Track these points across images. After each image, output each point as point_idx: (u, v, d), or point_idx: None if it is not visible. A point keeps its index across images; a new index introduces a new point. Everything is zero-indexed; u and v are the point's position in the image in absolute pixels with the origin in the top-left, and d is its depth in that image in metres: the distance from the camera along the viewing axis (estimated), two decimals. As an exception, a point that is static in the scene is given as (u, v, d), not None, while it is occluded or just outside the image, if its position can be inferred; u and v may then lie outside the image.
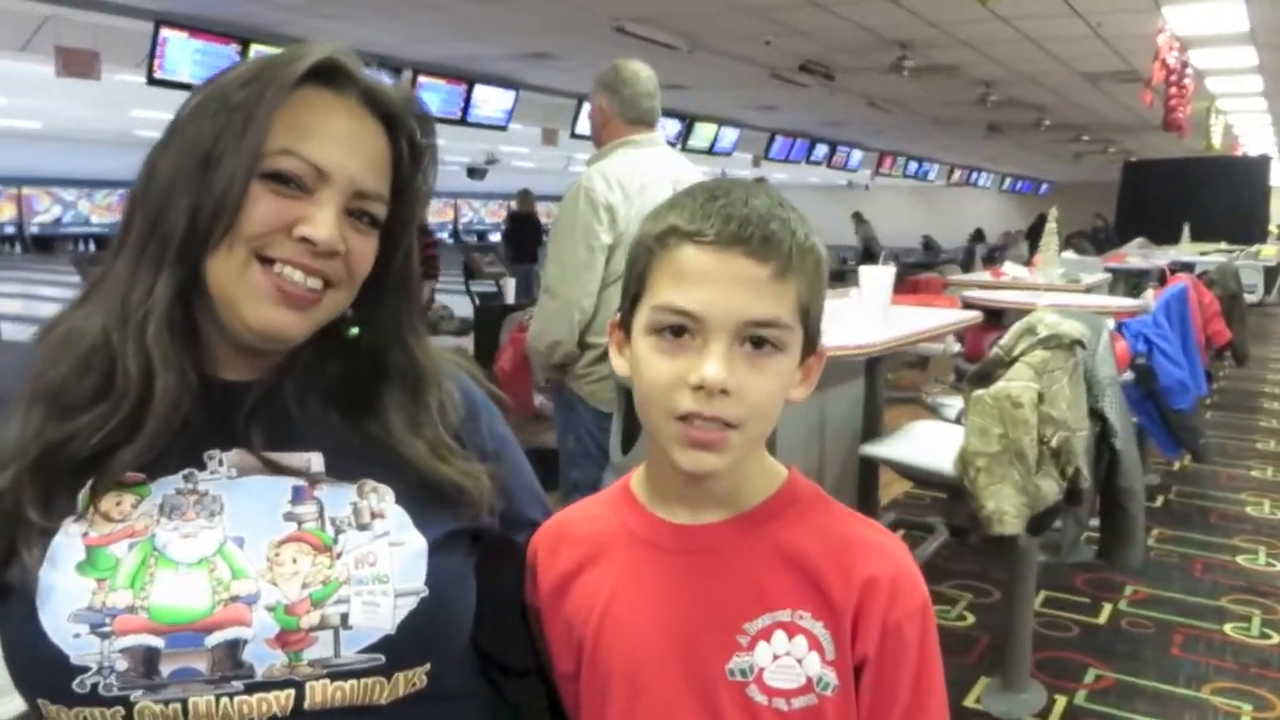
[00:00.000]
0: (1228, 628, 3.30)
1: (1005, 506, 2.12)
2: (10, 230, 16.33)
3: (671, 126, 10.23)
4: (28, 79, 7.27)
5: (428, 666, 0.82)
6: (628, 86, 2.60)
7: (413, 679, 0.81)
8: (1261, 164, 14.72)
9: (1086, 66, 8.54)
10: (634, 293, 0.84)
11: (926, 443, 2.62)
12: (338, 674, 0.78)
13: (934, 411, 2.98)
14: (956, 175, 19.40)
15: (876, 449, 2.62)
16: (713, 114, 11.21)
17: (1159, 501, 4.55)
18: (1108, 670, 2.96)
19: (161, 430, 0.78)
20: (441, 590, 0.82)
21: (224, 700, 0.75)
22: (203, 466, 0.81)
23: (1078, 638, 3.13)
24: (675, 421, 0.79)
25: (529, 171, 15.71)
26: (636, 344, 0.83)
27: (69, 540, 0.76)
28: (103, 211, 17.15)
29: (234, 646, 0.75)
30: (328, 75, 0.82)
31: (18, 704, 0.80)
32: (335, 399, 0.87)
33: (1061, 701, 2.73)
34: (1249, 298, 7.74)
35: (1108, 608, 3.41)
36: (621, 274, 2.80)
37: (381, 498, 0.84)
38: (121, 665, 0.73)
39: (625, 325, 0.85)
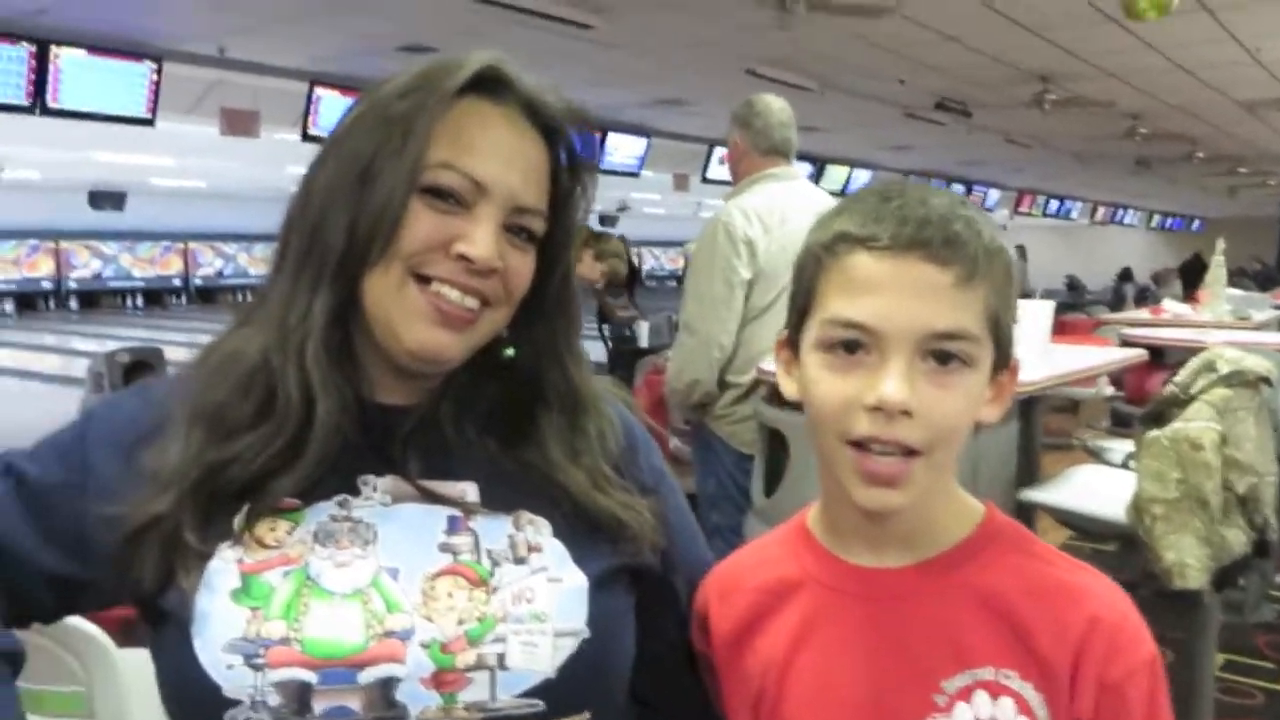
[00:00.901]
0: None
1: (1187, 559, 1.95)
2: (177, 283, 17.42)
3: (802, 170, 10.16)
4: (194, 140, 7.75)
5: (586, 716, 0.77)
6: (760, 118, 2.58)
7: None
8: None
9: (1243, 94, 8.09)
10: (801, 306, 0.77)
11: (1091, 488, 2.45)
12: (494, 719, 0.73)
13: (1095, 456, 2.80)
14: (1102, 213, 18.61)
15: (1036, 495, 2.46)
16: (844, 156, 11.08)
17: (1348, 557, 4.17)
18: (1299, 741, 2.71)
19: (320, 457, 0.77)
20: (603, 631, 0.77)
21: None
22: (357, 492, 0.79)
23: (1263, 705, 2.88)
24: (849, 449, 0.72)
25: (660, 218, 15.84)
26: (805, 362, 0.76)
27: (224, 566, 0.75)
28: (260, 264, 18.09)
29: (387, 685, 0.72)
30: (488, 85, 0.80)
31: None
32: (492, 424, 0.84)
33: (1248, 774, 2.50)
34: None
35: (1296, 672, 3.14)
36: (762, 309, 2.76)
37: (539, 530, 0.80)
38: (274, 700, 0.71)
39: (793, 343, 0.79)
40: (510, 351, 0.85)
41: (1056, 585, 0.75)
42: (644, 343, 6.00)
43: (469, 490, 0.81)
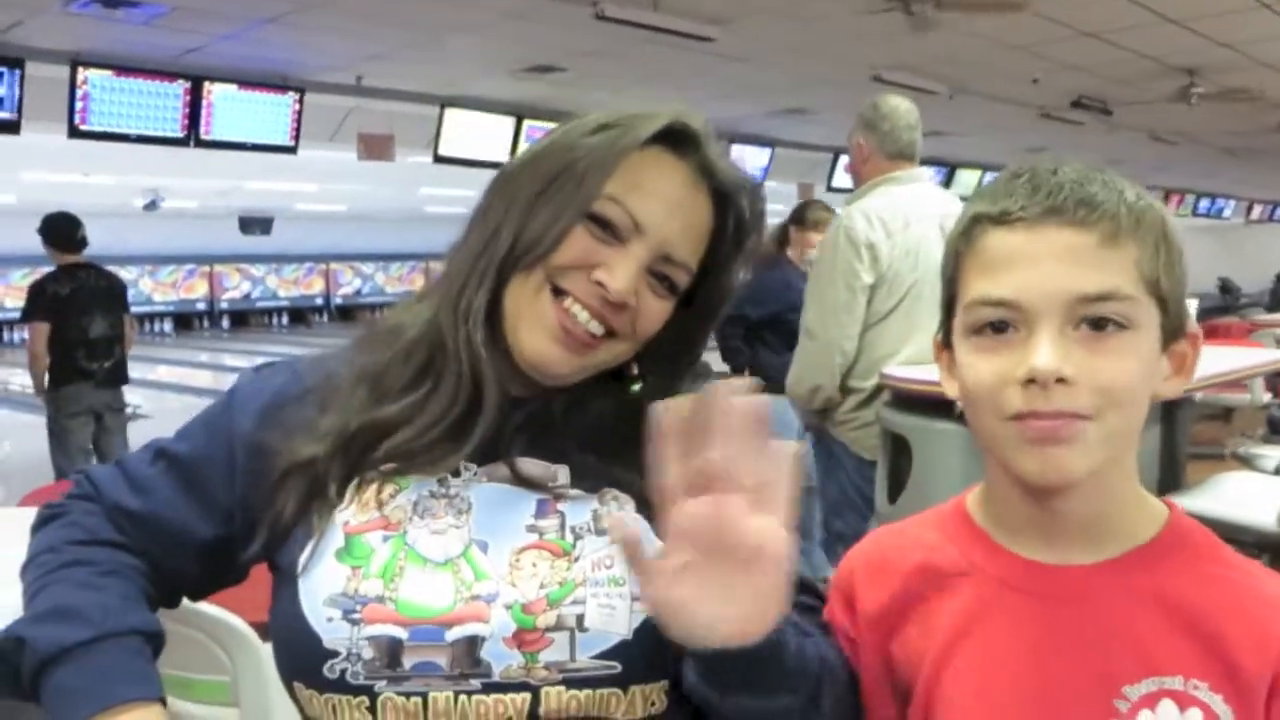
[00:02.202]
0: None
1: (1346, 568, 1.82)
2: (319, 301, 18.26)
3: (929, 174, 9.93)
4: (334, 166, 8.13)
5: (665, 685, 0.79)
6: (887, 121, 2.54)
7: (650, 697, 0.79)
8: None
9: None
10: (948, 300, 0.76)
11: (1241, 496, 2.32)
12: (574, 681, 0.77)
13: (1246, 463, 2.64)
14: (1257, 211, 17.55)
15: (1181, 502, 2.33)
16: (976, 160, 10.79)
17: None
18: None
19: (482, 439, 0.83)
20: None
21: (462, 698, 0.76)
22: (458, 474, 0.85)
23: None
24: (1008, 423, 0.69)
25: (784, 229, 15.77)
26: (959, 351, 0.74)
27: (333, 527, 0.82)
28: (395, 283, 18.85)
29: (472, 643, 0.77)
30: (675, 138, 0.85)
31: None
32: (608, 440, 0.87)
33: None
34: None
35: None
36: (884, 314, 2.71)
37: (622, 505, 0.84)
38: (368, 654, 0.76)
39: (948, 343, 0.77)
40: (637, 387, 0.90)
41: (1256, 595, 0.71)
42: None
43: (561, 473, 0.85)
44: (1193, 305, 2.53)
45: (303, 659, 0.78)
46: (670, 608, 0.65)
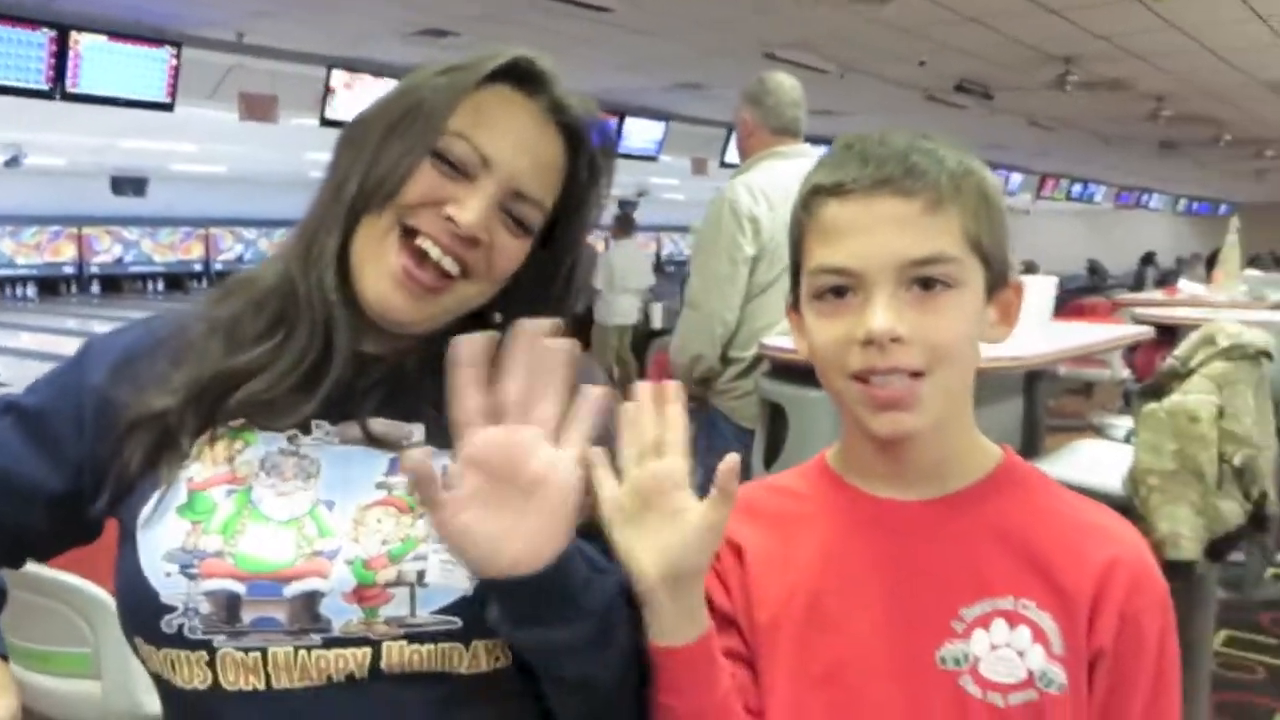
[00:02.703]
0: None
1: (1181, 529, 1.95)
2: (198, 268, 17.57)
3: (816, 151, 10.09)
4: (214, 126, 7.81)
5: None
6: (771, 96, 2.59)
7: (494, 651, 0.80)
8: None
9: (1270, 75, 7.98)
10: (795, 267, 0.82)
11: (1091, 462, 2.46)
12: (415, 635, 0.77)
13: (1099, 432, 2.80)
14: (1125, 197, 18.41)
15: (1037, 467, 2.46)
16: (864, 140, 11.03)
17: (1362, 539, 4.15)
18: (1302, 717, 2.71)
19: (333, 387, 0.82)
20: None
21: (302, 653, 0.76)
22: (309, 431, 0.84)
23: (1265, 681, 2.88)
24: (853, 382, 0.75)
25: (679, 203, 15.83)
26: (805, 316, 0.80)
27: (177, 482, 0.80)
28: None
29: (311, 598, 0.76)
30: (522, 77, 0.85)
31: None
32: None
33: (1247, 748, 2.51)
34: None
35: (1302, 650, 3.13)
36: (765, 286, 2.76)
37: None
38: (205, 608, 0.76)
39: (798, 306, 0.82)
40: (499, 317, 0.88)
41: (1079, 523, 0.78)
42: (657, 324, 6.02)
43: (416, 431, 0.85)
44: (1051, 282, 2.64)
45: (141, 614, 0.78)
46: (455, 534, 0.70)
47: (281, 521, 0.79)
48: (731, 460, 0.72)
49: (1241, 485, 1.98)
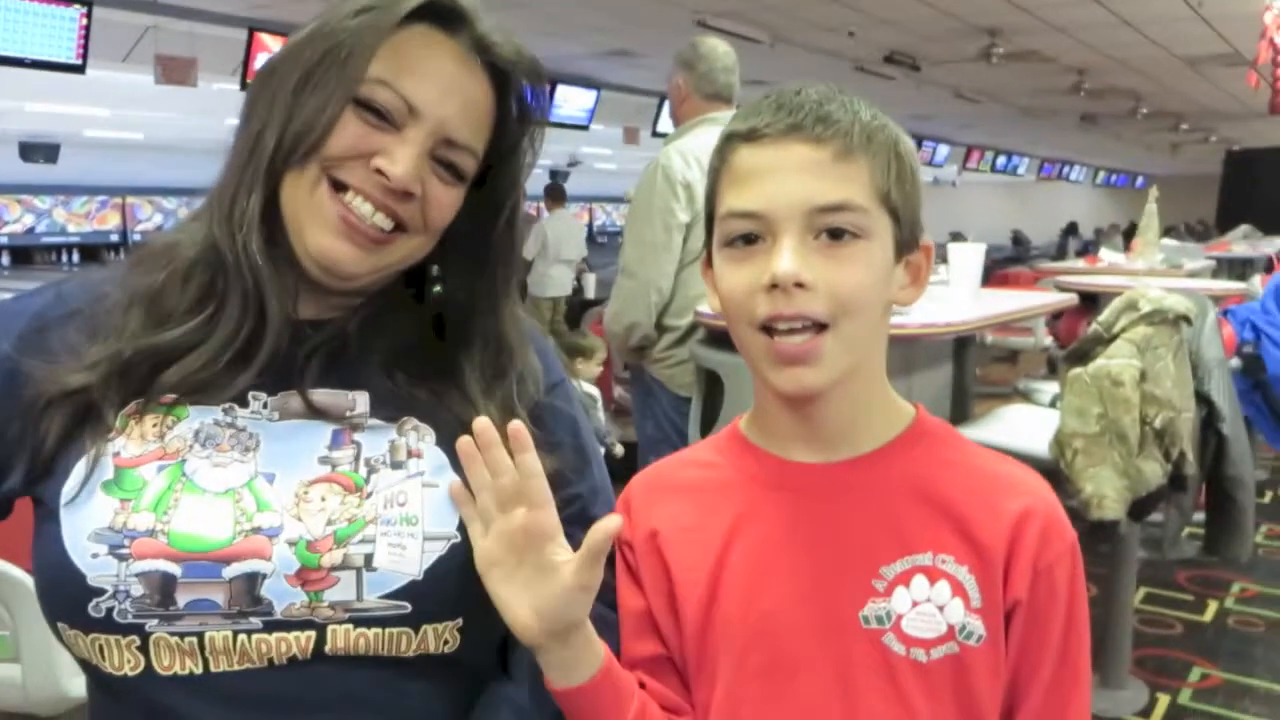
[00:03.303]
0: (1346, 628, 3.12)
1: (1105, 490, 2.01)
2: (115, 238, 16.99)
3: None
4: (130, 90, 7.53)
5: (459, 623, 0.78)
6: (704, 61, 2.57)
7: (443, 635, 0.77)
8: (1379, 151, 13.92)
9: (1186, 50, 8.19)
10: (707, 218, 0.80)
11: (1018, 426, 2.51)
12: (361, 620, 0.75)
13: (1026, 397, 2.87)
14: (1048, 169, 18.82)
15: (965, 433, 2.51)
16: (795, 110, 11.07)
17: (1267, 497, 4.33)
18: (1214, 669, 2.82)
19: (270, 357, 0.78)
20: None
21: (241, 637, 0.73)
22: (245, 404, 0.80)
23: (1181, 636, 2.99)
24: (760, 334, 0.75)
25: (611, 173, 15.76)
26: (715, 264, 0.79)
27: (103, 459, 0.76)
28: (201, 219, 17.73)
29: (252, 580, 0.73)
30: (443, 16, 0.80)
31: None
32: (408, 359, 0.84)
33: (1164, 700, 2.61)
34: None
35: (1213, 605, 3.26)
36: (699, 253, 2.73)
37: (421, 437, 0.81)
38: (137, 590, 0.72)
39: (711, 261, 0.81)
40: (439, 288, 0.85)
41: (991, 477, 0.78)
42: (591, 295, 6.00)
43: (359, 400, 0.81)
44: (979, 250, 2.68)
45: (65, 598, 0.73)
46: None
47: (217, 493, 0.75)
48: (607, 524, 0.72)
49: (1162, 447, 2.04)
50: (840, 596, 0.76)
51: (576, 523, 0.88)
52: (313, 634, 0.74)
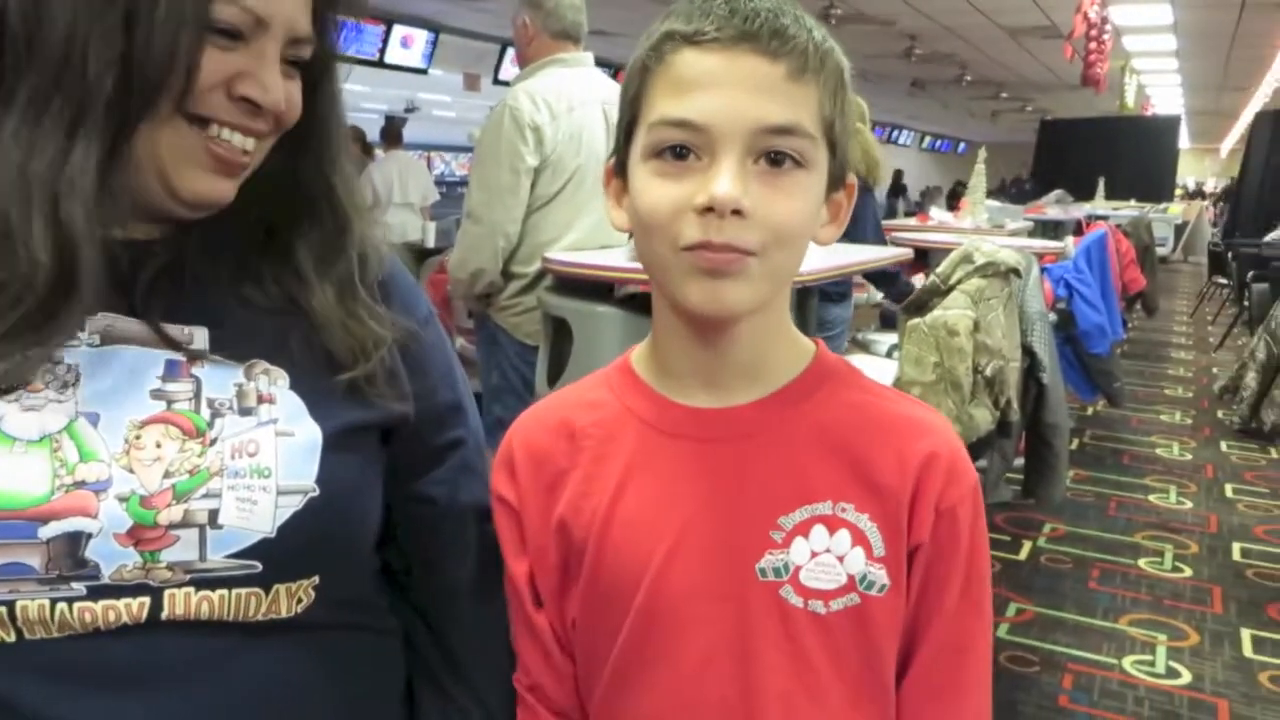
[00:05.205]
0: (1142, 562, 3.38)
1: (939, 435, 2.09)
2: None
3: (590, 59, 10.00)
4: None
5: (315, 580, 0.72)
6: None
7: (296, 594, 0.71)
8: (1171, 124, 15.10)
9: (1009, 21, 8.61)
10: (629, 121, 0.72)
11: (858, 376, 2.58)
12: (204, 581, 0.67)
13: (863, 348, 2.95)
14: (879, 132, 19.54)
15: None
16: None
17: (1075, 444, 4.65)
18: (1029, 604, 3.01)
19: (88, 307, 0.66)
20: (335, 491, 0.71)
21: (61, 606, 0.64)
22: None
23: (999, 574, 3.17)
24: (681, 253, 0.67)
25: (451, 121, 15.34)
26: (634, 177, 0.70)
27: None
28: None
29: (75, 540, 0.64)
30: None
31: None
32: (244, 245, 0.75)
33: (986, 634, 2.76)
34: (1160, 250, 7.96)
35: (1028, 545, 3.48)
36: (548, 198, 2.66)
37: (273, 381, 0.72)
38: None
39: (621, 168, 0.73)
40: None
41: (894, 418, 0.74)
42: (431, 243, 5.80)
43: (197, 335, 0.72)
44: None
45: None
46: None
47: (31, 441, 0.65)
48: None
49: (991, 395, 2.13)
50: (735, 550, 0.72)
51: (461, 472, 0.83)
52: (147, 599, 0.65)
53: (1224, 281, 9.02)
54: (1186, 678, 2.64)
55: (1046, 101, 15.14)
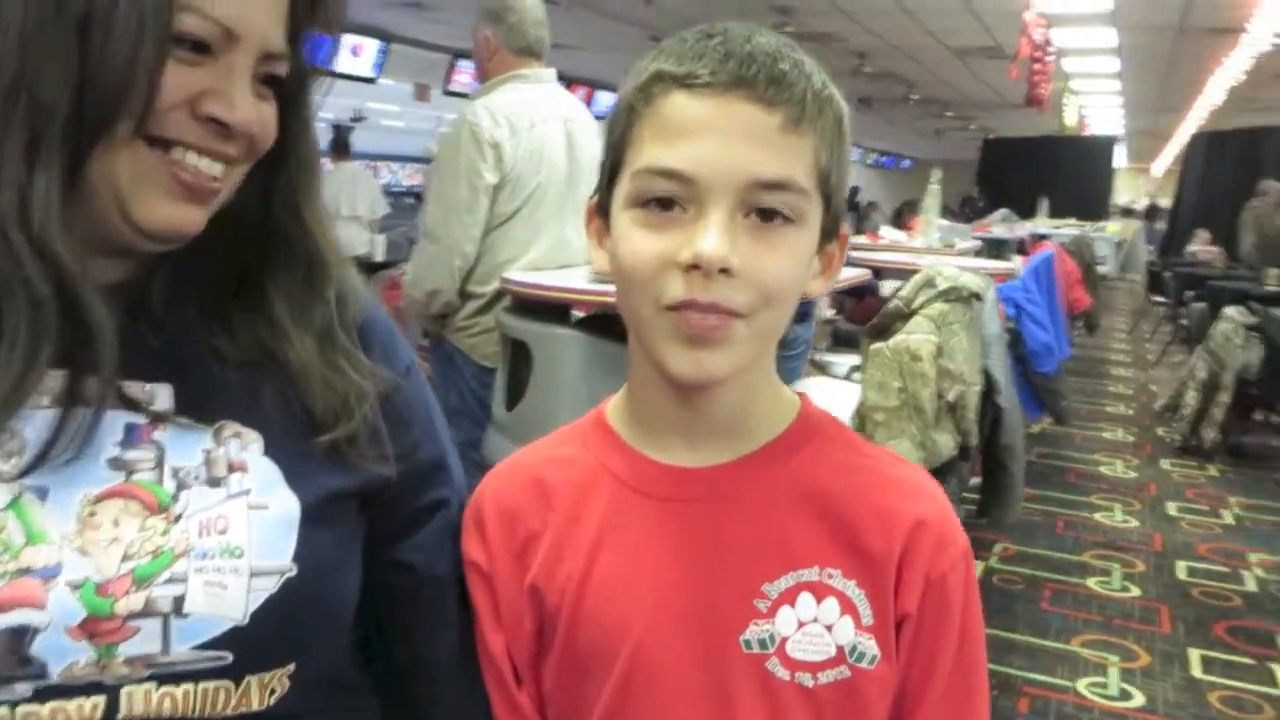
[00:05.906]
0: (1091, 582, 3.42)
1: (902, 461, 2.08)
2: None
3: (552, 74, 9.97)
4: None
5: (291, 668, 0.65)
6: (514, 14, 2.44)
7: (269, 684, 0.64)
8: (1107, 144, 15.51)
9: (955, 41, 8.75)
10: (612, 163, 0.68)
11: (818, 399, 2.57)
12: (167, 676, 0.60)
13: (821, 370, 2.94)
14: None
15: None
16: (589, 77, 11.02)
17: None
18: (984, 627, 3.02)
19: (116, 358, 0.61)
20: (315, 569, 0.65)
21: (1, 711, 0.57)
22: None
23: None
24: (665, 314, 0.64)
25: (399, 131, 15.18)
26: (616, 224, 0.67)
27: None
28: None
29: (19, 636, 0.57)
30: None
31: None
32: (211, 288, 0.69)
33: (942, 657, 2.76)
34: (1101, 269, 8.12)
35: (980, 565, 3.49)
36: (507, 216, 2.60)
37: (245, 445, 0.66)
38: None
39: (603, 209, 0.69)
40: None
41: (881, 479, 0.71)
42: (380, 256, 5.71)
43: (160, 394, 0.65)
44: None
45: None
46: None
47: None
48: None
49: (954, 419, 2.13)
50: (719, 620, 0.67)
51: (442, 536, 0.77)
52: (101, 699, 0.59)
53: (1161, 300, 9.24)
54: (1139, 700, 2.66)
55: (990, 121, 15.42)
